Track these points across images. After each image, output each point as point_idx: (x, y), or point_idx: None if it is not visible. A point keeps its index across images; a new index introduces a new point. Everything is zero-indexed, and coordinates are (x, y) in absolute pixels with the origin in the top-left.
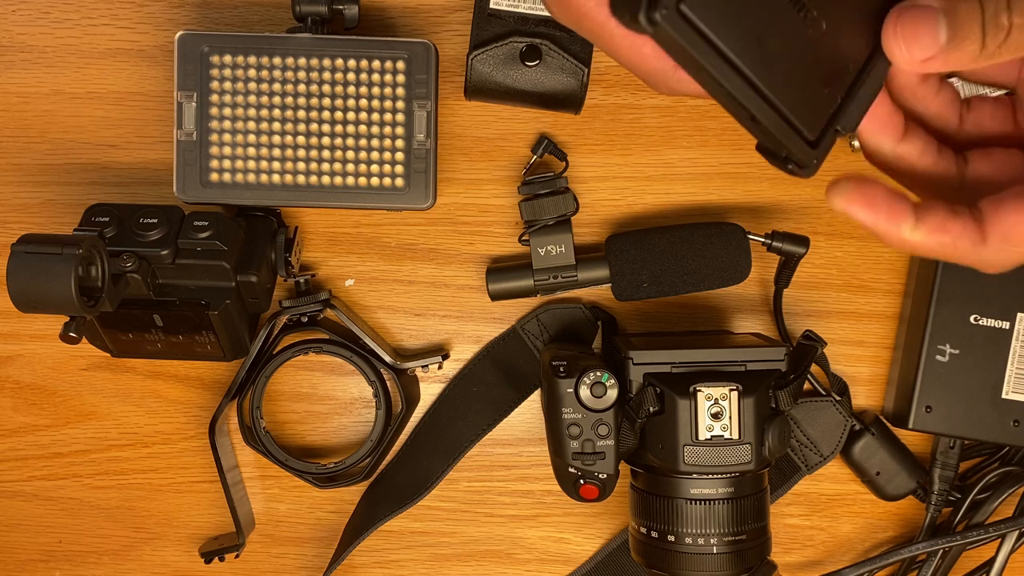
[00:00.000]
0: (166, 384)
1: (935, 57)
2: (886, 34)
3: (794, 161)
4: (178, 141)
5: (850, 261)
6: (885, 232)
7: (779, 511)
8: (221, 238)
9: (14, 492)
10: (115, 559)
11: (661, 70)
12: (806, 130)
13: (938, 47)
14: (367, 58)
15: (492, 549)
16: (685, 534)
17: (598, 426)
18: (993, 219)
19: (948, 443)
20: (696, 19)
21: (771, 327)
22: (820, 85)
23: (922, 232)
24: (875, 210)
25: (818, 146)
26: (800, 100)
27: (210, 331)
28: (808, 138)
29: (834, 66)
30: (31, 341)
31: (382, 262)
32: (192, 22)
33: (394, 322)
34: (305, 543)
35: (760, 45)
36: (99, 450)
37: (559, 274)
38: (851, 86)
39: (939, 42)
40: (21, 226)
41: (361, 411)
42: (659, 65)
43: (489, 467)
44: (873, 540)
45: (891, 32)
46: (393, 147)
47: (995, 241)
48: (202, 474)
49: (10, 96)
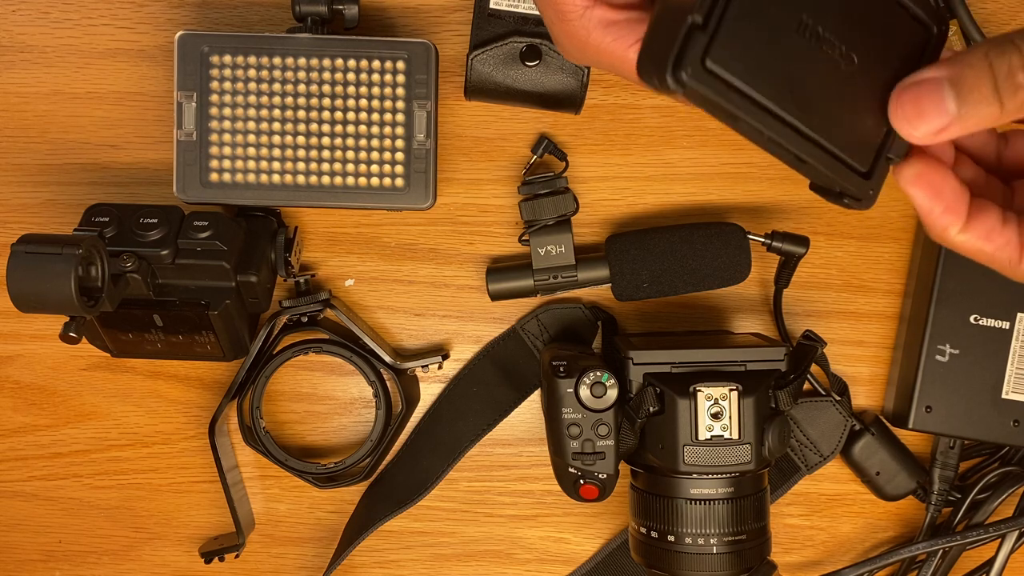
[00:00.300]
0: (166, 384)
1: (950, 126)
2: (892, 115)
3: (849, 195)
4: (178, 141)
5: (850, 261)
6: (933, 224)
7: (779, 511)
8: (221, 238)
9: (14, 492)
10: (115, 559)
11: None
12: (857, 163)
13: (949, 117)
14: (367, 58)
15: (492, 549)
16: (685, 534)
17: (598, 426)
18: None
19: (948, 443)
20: (723, 72)
21: (771, 327)
22: (864, 116)
23: (967, 236)
24: (936, 200)
25: (872, 176)
26: (845, 134)
27: (210, 331)
28: (860, 170)
29: (875, 95)
30: (31, 341)
31: (382, 262)
32: (192, 22)
33: (394, 322)
34: (305, 543)
35: (793, 88)
36: (99, 450)
37: (559, 274)
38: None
39: (949, 112)
40: (21, 226)
41: (361, 411)
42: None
43: (489, 467)
44: (873, 540)
45: (895, 112)
46: (393, 147)
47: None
48: (202, 474)
49: (10, 96)
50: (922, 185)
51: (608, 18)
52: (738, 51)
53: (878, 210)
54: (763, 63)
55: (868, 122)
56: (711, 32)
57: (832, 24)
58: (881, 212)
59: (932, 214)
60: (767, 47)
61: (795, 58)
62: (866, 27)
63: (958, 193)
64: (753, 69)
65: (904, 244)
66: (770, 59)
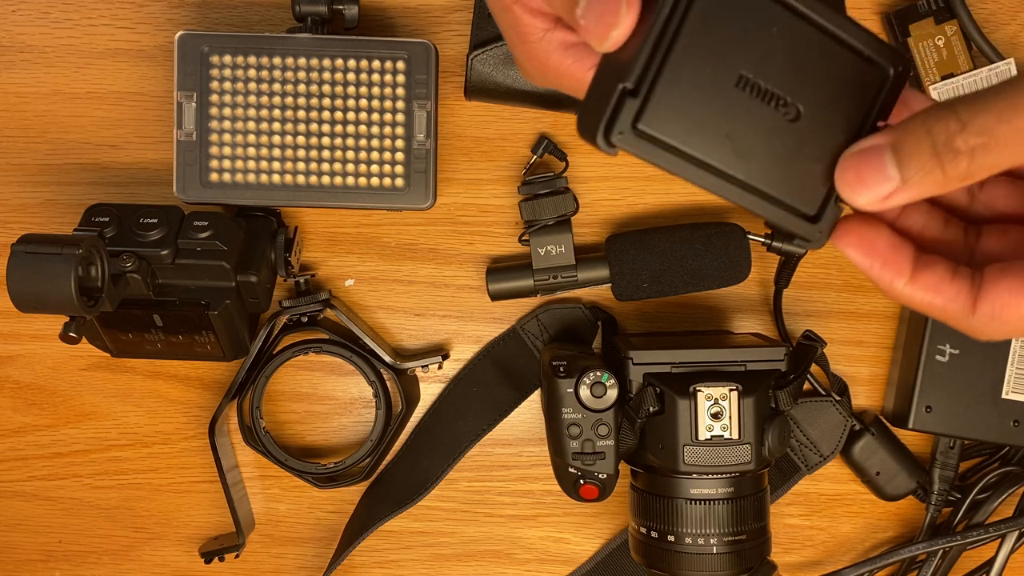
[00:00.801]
0: (166, 384)
1: (895, 193)
2: (836, 183)
3: (799, 238)
4: (178, 141)
5: (850, 261)
6: (878, 280)
7: (779, 511)
8: (221, 238)
9: (14, 492)
10: (115, 559)
11: None
12: (804, 208)
13: (894, 184)
14: (367, 58)
15: (492, 549)
16: (685, 534)
17: (598, 426)
18: (987, 292)
19: (948, 443)
20: (657, 133)
21: (771, 327)
22: (810, 162)
23: (914, 289)
24: (872, 256)
25: (820, 220)
26: (790, 182)
27: (210, 331)
28: (808, 214)
29: (822, 143)
30: (31, 341)
31: (382, 262)
32: (192, 22)
33: (394, 322)
34: (305, 543)
35: (733, 142)
36: (99, 450)
37: (559, 274)
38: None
39: (891, 179)
40: (21, 226)
41: (361, 411)
42: None
43: (489, 467)
44: (873, 540)
45: (839, 180)
46: (393, 147)
47: (984, 315)
48: (202, 474)
49: (10, 96)
50: (853, 242)
51: (568, 40)
52: (672, 112)
53: None
54: (700, 121)
55: (816, 168)
56: (643, 96)
57: (775, 77)
58: None
59: (872, 270)
60: (704, 105)
61: (735, 113)
62: (813, 77)
63: (896, 247)
64: (689, 127)
65: None
66: (707, 116)
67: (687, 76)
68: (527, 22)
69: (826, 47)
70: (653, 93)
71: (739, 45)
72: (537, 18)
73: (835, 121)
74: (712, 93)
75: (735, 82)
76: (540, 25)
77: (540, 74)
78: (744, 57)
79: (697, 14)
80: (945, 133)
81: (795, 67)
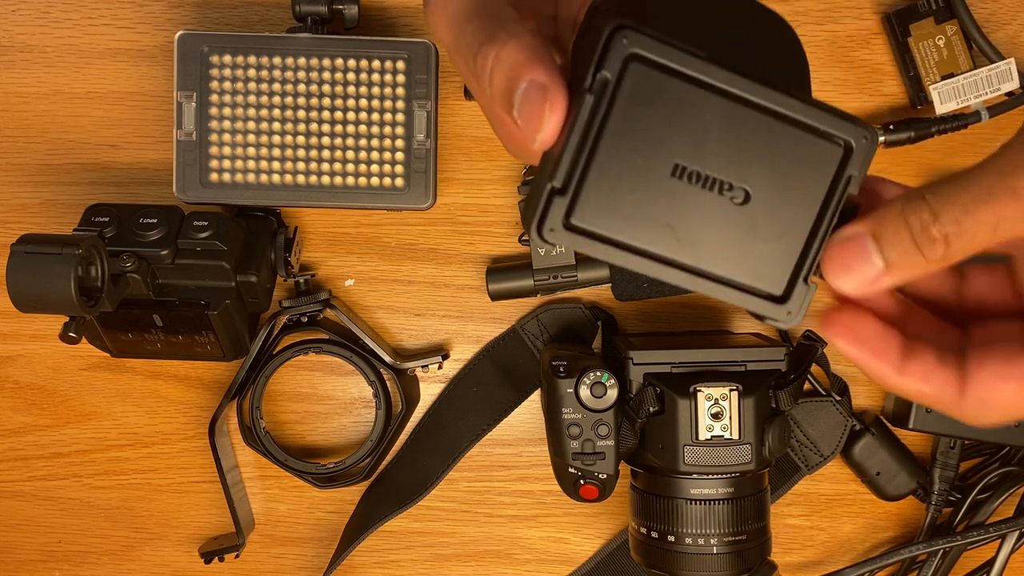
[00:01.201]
0: (166, 384)
1: (881, 277)
2: (826, 273)
3: (769, 318)
4: (178, 141)
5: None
6: (867, 369)
7: (779, 511)
8: (221, 238)
9: (14, 492)
10: (115, 559)
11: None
12: (767, 288)
13: (877, 269)
14: (367, 58)
15: (492, 549)
16: (685, 534)
17: (598, 426)
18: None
19: (948, 443)
20: (590, 227)
21: (771, 327)
22: (769, 243)
23: (903, 379)
24: (860, 347)
25: (788, 300)
26: (745, 264)
27: (210, 331)
28: (774, 295)
29: (780, 223)
30: (31, 341)
31: (382, 262)
32: (192, 22)
33: (394, 322)
34: (305, 543)
35: (676, 229)
36: (99, 450)
37: (559, 274)
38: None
39: (876, 266)
40: (21, 226)
41: (361, 411)
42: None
43: (489, 467)
44: (873, 540)
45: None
46: (393, 147)
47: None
48: (202, 474)
49: (10, 96)
50: (841, 333)
51: None
52: (604, 206)
53: None
54: (635, 212)
55: (776, 248)
56: (572, 194)
57: (714, 163)
58: None
59: (860, 360)
60: (637, 196)
61: (674, 202)
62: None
63: (883, 335)
64: (624, 219)
65: None
66: (642, 207)
67: (616, 169)
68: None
69: (769, 126)
70: (582, 189)
71: (669, 135)
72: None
73: (792, 198)
74: (645, 184)
75: (670, 171)
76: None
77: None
78: (676, 146)
79: (621, 107)
80: (920, 223)
81: (737, 150)
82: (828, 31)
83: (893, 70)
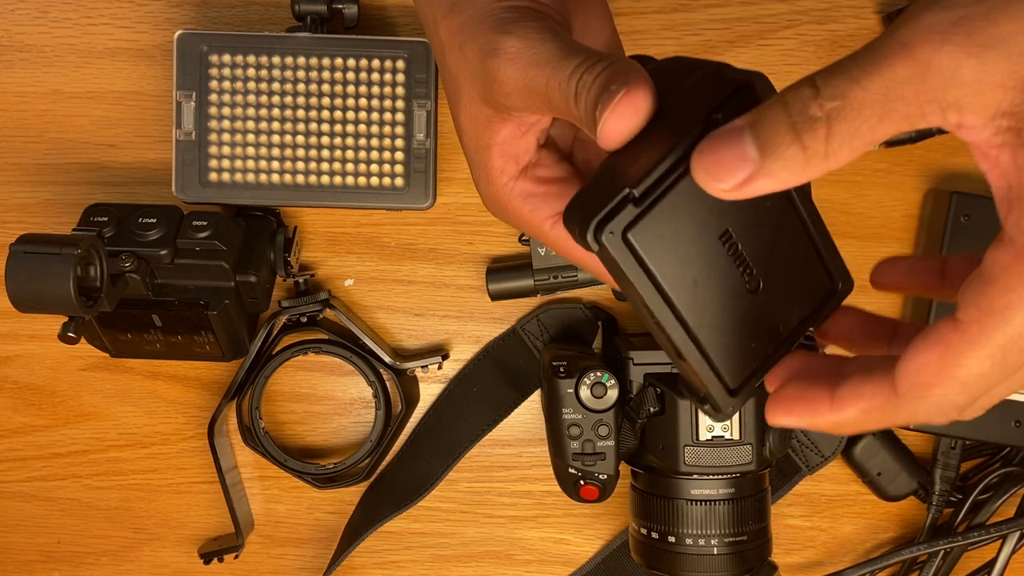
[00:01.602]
0: (165, 384)
1: (754, 176)
2: (693, 170)
3: (711, 403)
4: (177, 141)
5: (851, 261)
6: (812, 425)
7: (780, 512)
8: (220, 238)
9: (13, 492)
10: (114, 560)
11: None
12: (728, 378)
13: (752, 165)
14: (367, 57)
15: (492, 550)
16: (686, 535)
17: (598, 427)
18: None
19: (949, 443)
20: (639, 248)
21: None
22: (749, 339)
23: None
24: (793, 412)
25: (737, 395)
26: (726, 348)
27: (209, 331)
28: (729, 386)
29: (765, 325)
30: (30, 341)
31: (382, 262)
32: (191, 21)
33: (394, 322)
34: (304, 544)
35: (696, 287)
36: (98, 450)
37: (559, 274)
38: (778, 347)
39: (750, 158)
40: (20, 226)
41: (360, 411)
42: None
43: (489, 468)
44: (874, 541)
45: (695, 166)
46: (393, 147)
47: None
48: (201, 475)
49: (9, 96)
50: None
51: (529, 190)
52: (661, 234)
53: (880, 210)
54: (679, 254)
55: (751, 345)
56: (643, 208)
57: (751, 246)
58: (882, 212)
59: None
60: (688, 242)
61: (708, 261)
62: (780, 262)
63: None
64: (667, 255)
65: (906, 244)
66: (686, 253)
67: (685, 207)
68: (498, 166)
69: (800, 242)
70: (653, 209)
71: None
72: (509, 163)
73: (782, 309)
74: (699, 234)
75: (720, 234)
76: (509, 172)
77: (498, 211)
78: (736, 216)
79: None
80: (800, 101)
81: (771, 245)
82: (829, 30)
83: None
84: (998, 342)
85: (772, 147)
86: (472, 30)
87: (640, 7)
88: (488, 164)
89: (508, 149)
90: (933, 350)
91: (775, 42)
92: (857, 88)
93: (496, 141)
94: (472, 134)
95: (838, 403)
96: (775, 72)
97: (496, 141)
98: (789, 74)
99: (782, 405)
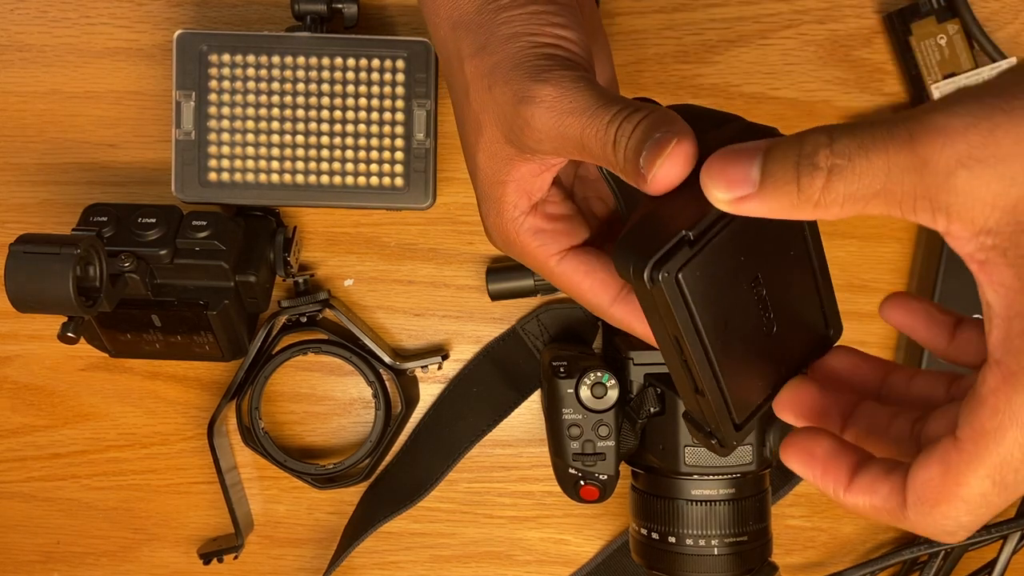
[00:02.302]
0: (164, 385)
1: (750, 198)
2: (704, 168)
3: (718, 438)
4: (176, 140)
5: (851, 261)
6: (818, 487)
7: (780, 512)
8: (220, 238)
9: (12, 493)
10: (113, 560)
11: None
12: (736, 414)
13: (751, 187)
14: (367, 57)
15: (492, 550)
16: (686, 535)
17: (598, 427)
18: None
19: None
20: (686, 288)
21: None
22: (757, 377)
23: (850, 494)
24: (812, 466)
25: (741, 430)
26: (740, 385)
27: (208, 331)
28: (735, 421)
29: (772, 364)
30: (29, 341)
31: (382, 262)
32: (191, 21)
33: (394, 322)
34: (304, 544)
35: (727, 328)
36: (97, 451)
37: None
38: (777, 384)
39: (752, 180)
40: (19, 226)
41: (360, 412)
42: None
43: (489, 468)
44: (875, 541)
45: (707, 165)
46: (393, 146)
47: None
48: (201, 475)
49: (8, 95)
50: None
51: (539, 226)
52: (705, 276)
53: None
54: (716, 295)
55: (759, 383)
56: (695, 252)
57: (773, 291)
58: None
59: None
60: (724, 284)
61: (739, 304)
62: (791, 306)
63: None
64: (707, 296)
65: (906, 244)
66: (722, 295)
67: (729, 253)
68: (512, 201)
69: (809, 288)
70: (703, 251)
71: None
72: (523, 199)
73: (786, 349)
74: (735, 279)
75: (752, 278)
76: (521, 207)
77: (504, 244)
78: (766, 262)
79: None
80: (812, 145)
81: (788, 291)
82: (829, 30)
83: (894, 69)
84: (993, 462)
85: (773, 177)
86: (505, 75)
87: (640, 7)
88: (502, 198)
89: (524, 185)
90: (936, 467)
91: (775, 42)
92: (862, 157)
93: (514, 177)
94: (489, 171)
95: (853, 490)
96: (775, 72)
97: (514, 177)
98: (789, 74)
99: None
